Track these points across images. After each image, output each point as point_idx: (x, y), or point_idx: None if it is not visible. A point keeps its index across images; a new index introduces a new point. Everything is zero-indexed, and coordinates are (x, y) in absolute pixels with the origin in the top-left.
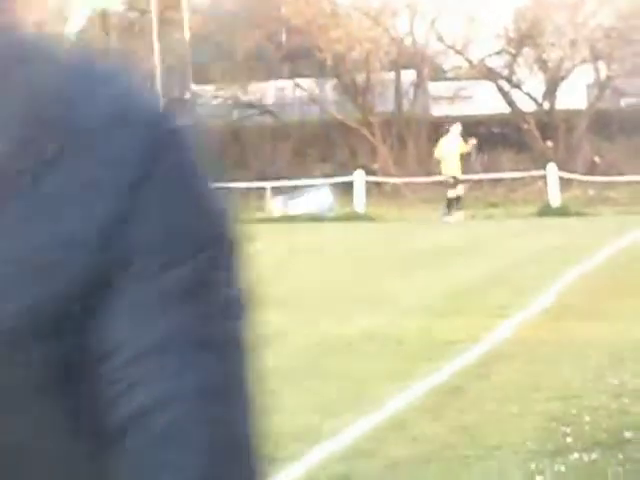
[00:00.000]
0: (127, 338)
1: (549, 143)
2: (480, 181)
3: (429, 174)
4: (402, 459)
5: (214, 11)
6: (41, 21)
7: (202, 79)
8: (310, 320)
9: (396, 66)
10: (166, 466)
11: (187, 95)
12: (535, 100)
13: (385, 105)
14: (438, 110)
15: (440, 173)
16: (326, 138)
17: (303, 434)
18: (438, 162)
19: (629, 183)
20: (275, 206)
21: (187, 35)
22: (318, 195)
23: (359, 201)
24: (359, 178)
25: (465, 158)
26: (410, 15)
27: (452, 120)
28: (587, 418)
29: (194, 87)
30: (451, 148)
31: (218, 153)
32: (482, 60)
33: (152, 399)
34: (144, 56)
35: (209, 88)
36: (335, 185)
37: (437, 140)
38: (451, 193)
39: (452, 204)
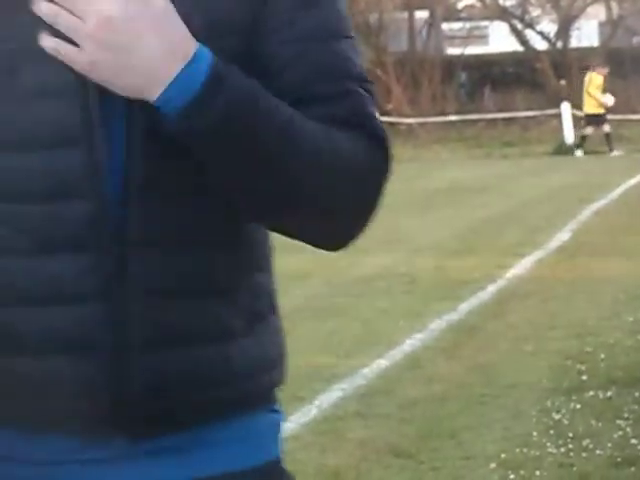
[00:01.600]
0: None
1: (562, 82)
2: (494, 120)
3: (443, 114)
4: (418, 398)
5: None
6: None
7: None
8: (326, 261)
9: (409, 6)
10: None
11: None
12: (548, 39)
13: (399, 45)
14: (452, 50)
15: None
16: None
17: (318, 373)
18: None
19: None
20: None
21: None
22: None
23: None
24: None
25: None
26: None
27: (465, 59)
28: (602, 356)
29: None
30: None
31: None
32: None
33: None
34: None
35: None
36: None
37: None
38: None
39: None
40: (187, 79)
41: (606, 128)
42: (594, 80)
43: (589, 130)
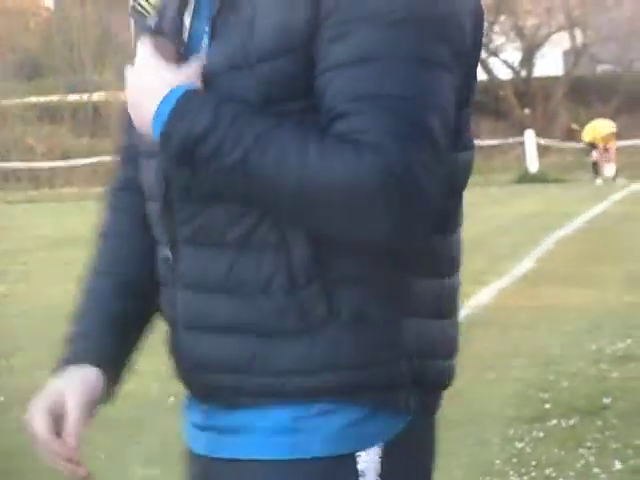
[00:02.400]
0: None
1: (527, 110)
2: None
3: None
4: None
5: None
6: None
7: None
8: None
9: None
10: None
11: None
12: (512, 68)
13: None
14: None
15: None
16: None
17: None
18: None
19: None
20: None
21: None
22: None
23: None
24: None
25: None
26: None
27: None
28: (565, 384)
29: None
30: None
31: None
32: None
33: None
34: (121, 26)
35: None
36: None
37: None
38: None
39: None
40: (156, 118)
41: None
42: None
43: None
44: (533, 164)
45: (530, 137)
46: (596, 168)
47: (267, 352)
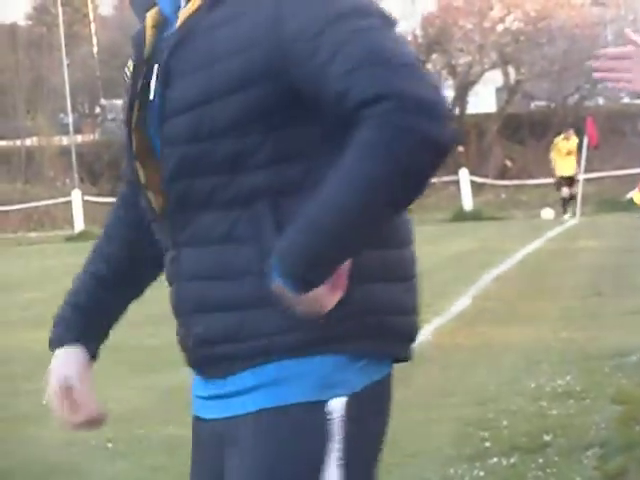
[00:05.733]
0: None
1: (460, 148)
2: None
3: None
4: None
5: (122, 25)
6: None
7: (112, 93)
8: None
9: None
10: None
11: (97, 109)
12: None
13: None
14: None
15: None
16: None
17: None
18: None
19: (539, 186)
20: None
21: (95, 49)
22: None
23: None
24: None
25: None
26: None
27: None
28: (505, 422)
29: (104, 101)
30: None
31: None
32: None
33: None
34: (53, 71)
35: (119, 102)
36: None
37: None
38: None
39: None
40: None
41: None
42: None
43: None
44: (468, 202)
45: (464, 175)
46: (565, 204)
47: (252, 321)
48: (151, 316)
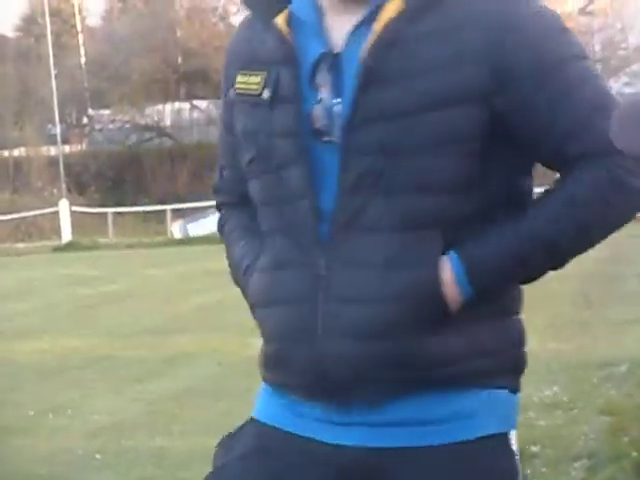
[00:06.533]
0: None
1: None
2: None
3: None
4: None
5: (109, 36)
6: None
7: (99, 104)
8: (214, 341)
9: None
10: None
11: (85, 120)
12: None
13: None
14: None
15: None
16: None
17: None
18: None
19: None
20: (175, 229)
21: (83, 60)
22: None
23: None
24: None
25: None
26: None
27: None
28: None
29: (91, 112)
30: None
31: (118, 177)
32: None
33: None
34: (41, 82)
35: (106, 112)
36: None
37: None
38: None
39: None
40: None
41: None
42: None
43: None
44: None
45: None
46: None
47: (427, 347)
48: (138, 328)
